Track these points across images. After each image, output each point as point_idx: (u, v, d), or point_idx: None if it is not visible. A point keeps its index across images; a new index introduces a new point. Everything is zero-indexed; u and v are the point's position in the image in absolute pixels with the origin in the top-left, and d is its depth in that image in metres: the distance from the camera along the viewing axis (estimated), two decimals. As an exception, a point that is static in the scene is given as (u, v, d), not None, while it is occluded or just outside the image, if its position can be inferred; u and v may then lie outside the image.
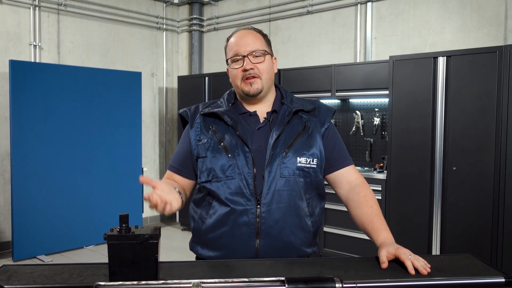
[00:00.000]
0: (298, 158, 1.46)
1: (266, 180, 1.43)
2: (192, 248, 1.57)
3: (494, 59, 3.32)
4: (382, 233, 1.38)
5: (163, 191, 1.30)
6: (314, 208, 1.53)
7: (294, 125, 1.52)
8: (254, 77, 1.50)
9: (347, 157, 1.59)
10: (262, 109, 1.56)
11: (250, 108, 1.56)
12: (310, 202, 1.52)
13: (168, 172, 1.59)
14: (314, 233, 1.54)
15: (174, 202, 1.29)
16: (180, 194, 1.38)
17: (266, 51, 1.53)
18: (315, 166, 1.49)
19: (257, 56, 1.51)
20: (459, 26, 4.09)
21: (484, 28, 3.95)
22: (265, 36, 1.57)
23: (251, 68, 1.49)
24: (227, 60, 1.56)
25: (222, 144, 1.48)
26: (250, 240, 1.43)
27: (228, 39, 1.58)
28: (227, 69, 1.59)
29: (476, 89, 3.40)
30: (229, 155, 1.45)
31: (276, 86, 1.63)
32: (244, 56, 1.50)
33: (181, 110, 1.62)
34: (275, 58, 1.59)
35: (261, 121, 1.54)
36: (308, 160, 1.48)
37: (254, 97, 1.53)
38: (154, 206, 1.24)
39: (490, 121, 3.34)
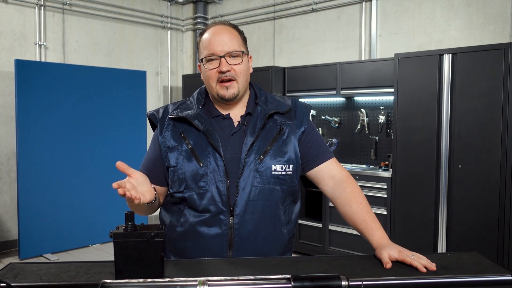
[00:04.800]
0: (273, 165, 1.40)
1: (240, 189, 1.37)
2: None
3: (500, 57, 3.30)
4: (377, 232, 1.35)
5: (138, 180, 1.28)
6: (290, 215, 1.49)
7: (269, 130, 1.44)
8: (230, 80, 1.41)
9: (327, 151, 1.52)
10: (236, 111, 1.48)
11: (224, 111, 1.47)
12: (287, 209, 1.48)
13: None
14: (290, 240, 1.50)
15: (147, 194, 1.27)
16: (155, 191, 1.36)
17: (243, 51, 1.44)
18: (291, 172, 1.43)
19: (234, 57, 1.41)
20: (465, 24, 4.06)
21: (490, 25, 3.92)
22: (241, 33, 1.48)
23: (228, 70, 1.40)
24: (201, 59, 1.44)
25: (192, 151, 1.39)
26: (222, 252, 1.38)
27: (201, 34, 1.46)
28: (199, 66, 1.49)
29: (481, 86, 3.38)
30: (201, 164, 1.38)
31: (250, 84, 1.54)
32: (220, 57, 1.40)
33: (149, 113, 1.52)
34: (250, 57, 1.50)
35: (235, 124, 1.46)
36: (284, 167, 1.41)
37: (229, 101, 1.45)
38: (123, 194, 1.19)
39: (496, 118, 3.32)
